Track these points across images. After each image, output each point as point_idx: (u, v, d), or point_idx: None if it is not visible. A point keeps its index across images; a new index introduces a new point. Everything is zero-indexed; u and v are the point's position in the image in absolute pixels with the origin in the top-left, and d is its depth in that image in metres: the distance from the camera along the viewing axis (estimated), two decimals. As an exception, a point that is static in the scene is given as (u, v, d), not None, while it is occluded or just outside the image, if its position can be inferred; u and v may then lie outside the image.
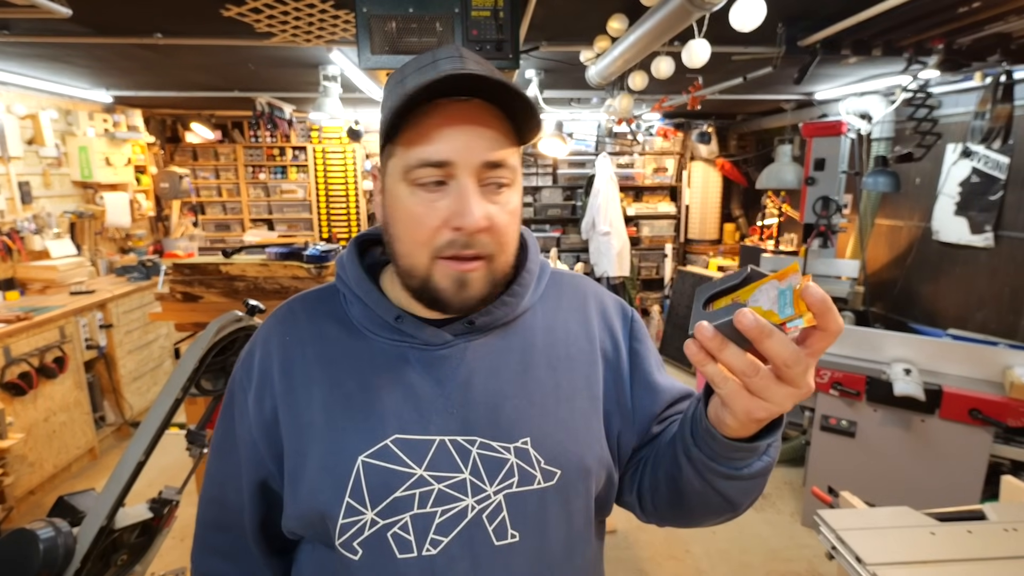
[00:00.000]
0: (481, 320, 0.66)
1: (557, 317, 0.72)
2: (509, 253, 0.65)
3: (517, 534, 0.62)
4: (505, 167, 0.61)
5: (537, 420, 0.65)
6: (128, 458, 1.39)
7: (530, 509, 0.63)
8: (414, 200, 0.60)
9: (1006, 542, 1.18)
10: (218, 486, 0.72)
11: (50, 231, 3.69)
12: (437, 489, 0.61)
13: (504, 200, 0.62)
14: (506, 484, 0.62)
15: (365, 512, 0.60)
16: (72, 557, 1.36)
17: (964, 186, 3.14)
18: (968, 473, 2.22)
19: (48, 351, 2.94)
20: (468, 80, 0.57)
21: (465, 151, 0.58)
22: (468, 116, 0.59)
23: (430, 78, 0.55)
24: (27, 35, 2.29)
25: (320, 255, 2.47)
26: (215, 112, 5.03)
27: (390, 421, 0.63)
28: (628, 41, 1.97)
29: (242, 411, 0.68)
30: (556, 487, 0.64)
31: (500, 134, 0.61)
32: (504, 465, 0.63)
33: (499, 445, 0.63)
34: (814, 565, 2.44)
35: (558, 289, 0.75)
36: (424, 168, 0.59)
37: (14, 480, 2.66)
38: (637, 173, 5.67)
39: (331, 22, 2.12)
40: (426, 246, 0.61)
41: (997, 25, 2.01)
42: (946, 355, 2.38)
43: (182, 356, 1.44)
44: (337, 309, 0.70)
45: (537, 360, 0.68)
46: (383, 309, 0.67)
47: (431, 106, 0.59)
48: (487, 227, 0.60)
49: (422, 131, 0.59)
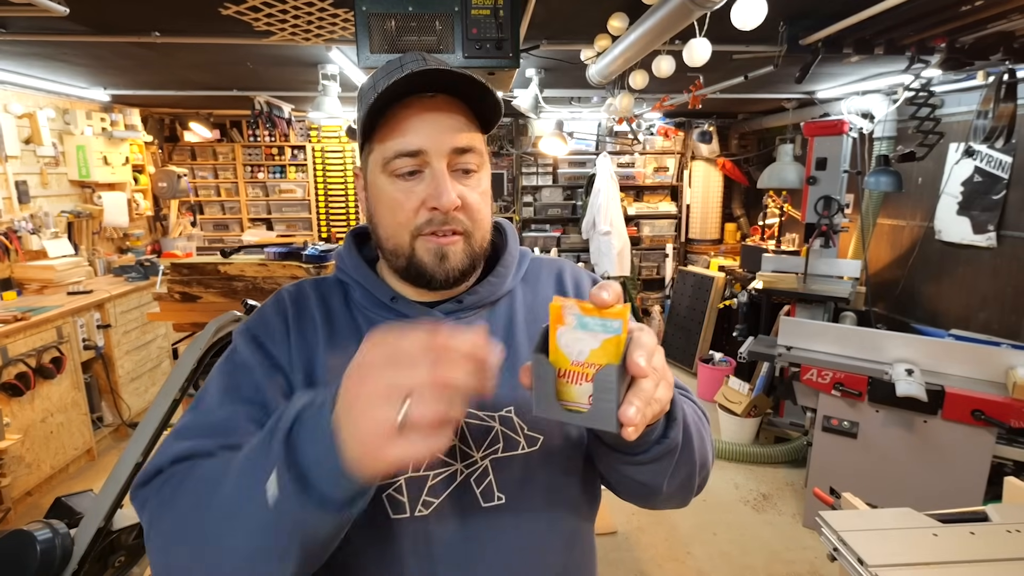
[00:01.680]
0: (468, 299, 0.73)
1: (537, 294, 0.79)
2: (484, 230, 0.71)
3: (503, 496, 0.66)
4: (473, 152, 0.67)
5: (519, 390, 0.64)
6: (126, 459, 1.39)
7: (515, 474, 0.67)
8: (394, 188, 0.67)
9: (1009, 544, 1.18)
10: (218, 396, 0.66)
11: (47, 231, 3.69)
12: None
13: (473, 183, 0.69)
14: (492, 450, 0.67)
15: None
16: (70, 558, 1.36)
17: (966, 185, 3.14)
18: (971, 474, 2.22)
19: (45, 351, 2.94)
20: (431, 77, 0.63)
21: (435, 139, 0.65)
22: (435, 109, 0.66)
23: (397, 77, 0.62)
24: (24, 33, 2.29)
25: (319, 255, 2.47)
26: (213, 111, 5.03)
27: None
28: (629, 40, 1.97)
29: (255, 359, 0.67)
30: (539, 452, 0.69)
31: (465, 122, 0.67)
32: (490, 432, 0.68)
33: (484, 414, 0.68)
34: (816, 567, 2.44)
35: (537, 271, 0.82)
36: (400, 158, 0.65)
37: (11, 481, 2.66)
38: (638, 172, 5.67)
39: (330, 21, 2.12)
40: (406, 227, 0.67)
41: (1000, 24, 2.01)
42: (949, 355, 2.38)
43: (180, 356, 1.44)
44: (339, 293, 0.75)
45: (519, 334, 0.74)
46: (380, 291, 0.72)
47: (402, 104, 0.65)
48: (461, 206, 0.66)
49: (396, 126, 0.65)
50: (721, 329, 4.63)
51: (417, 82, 0.63)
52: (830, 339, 2.61)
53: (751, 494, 2.99)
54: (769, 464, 3.28)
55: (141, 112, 4.61)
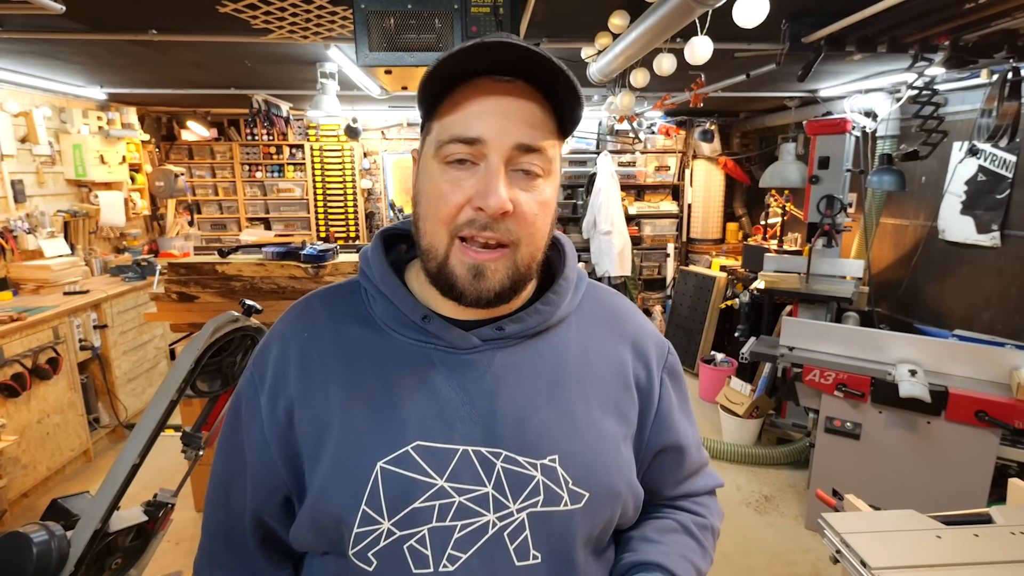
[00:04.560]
0: (511, 327, 0.64)
1: (592, 334, 0.70)
2: (535, 246, 0.62)
3: (539, 555, 0.60)
4: (540, 154, 0.59)
5: (566, 438, 0.62)
6: (123, 460, 1.39)
7: (555, 531, 0.60)
8: (443, 178, 0.59)
9: (1014, 546, 1.18)
10: (223, 490, 0.69)
11: (44, 230, 3.69)
12: (458, 502, 0.59)
13: (535, 189, 0.60)
14: (531, 502, 0.60)
15: (382, 522, 0.58)
16: (66, 561, 1.36)
17: (970, 185, 3.14)
18: (974, 476, 2.22)
19: (41, 352, 2.93)
20: (509, 54, 0.55)
21: (498, 130, 0.57)
22: (506, 93, 0.57)
23: (462, 46, 0.54)
24: (20, 31, 2.29)
25: (317, 254, 2.47)
26: (211, 110, 5.03)
27: (412, 426, 0.60)
28: (630, 38, 1.97)
29: (253, 412, 0.65)
30: (583, 510, 0.61)
31: (538, 119, 0.59)
32: (530, 482, 0.60)
33: (525, 460, 0.61)
34: (818, 569, 2.44)
35: (595, 304, 0.73)
36: (454, 144, 0.58)
37: (7, 483, 2.66)
38: (639, 171, 5.67)
39: (329, 18, 2.12)
40: (446, 224, 0.59)
41: (1004, 21, 2.00)
42: (952, 356, 2.38)
43: (178, 357, 1.44)
44: (358, 306, 0.68)
45: (568, 375, 0.66)
46: (409, 307, 0.64)
47: (470, 83, 0.58)
48: (511, 212, 0.58)
49: (458, 105, 0.58)
50: (723, 329, 4.63)
51: (495, 59, 0.55)
52: (833, 339, 2.61)
53: (753, 496, 2.99)
54: (771, 465, 3.28)
55: (138, 111, 4.60)
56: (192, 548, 2.49)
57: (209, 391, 1.66)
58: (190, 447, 1.65)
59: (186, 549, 2.50)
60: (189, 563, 2.48)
